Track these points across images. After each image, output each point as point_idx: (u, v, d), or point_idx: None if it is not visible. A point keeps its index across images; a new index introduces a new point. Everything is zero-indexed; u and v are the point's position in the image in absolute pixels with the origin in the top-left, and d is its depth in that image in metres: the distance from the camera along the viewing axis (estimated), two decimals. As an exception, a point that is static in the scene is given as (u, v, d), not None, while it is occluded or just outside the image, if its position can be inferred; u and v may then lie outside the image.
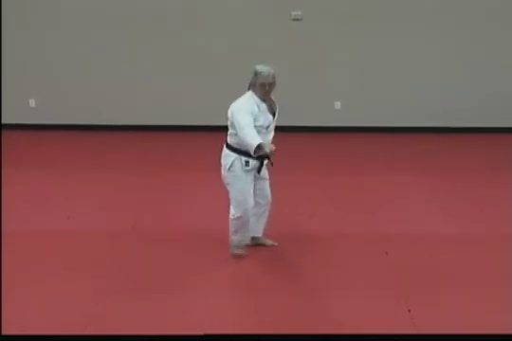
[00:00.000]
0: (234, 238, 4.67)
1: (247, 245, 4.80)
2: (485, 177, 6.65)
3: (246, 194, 4.47)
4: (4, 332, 3.45)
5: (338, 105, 8.54)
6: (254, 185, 4.53)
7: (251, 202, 4.51)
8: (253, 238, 4.86)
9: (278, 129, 4.65)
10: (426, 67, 8.36)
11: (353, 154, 7.60)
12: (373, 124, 8.57)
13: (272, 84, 4.30)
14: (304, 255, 4.75)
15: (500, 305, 3.96)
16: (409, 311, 3.89)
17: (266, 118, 4.37)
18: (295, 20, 8.10)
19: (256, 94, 4.34)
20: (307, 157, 7.34)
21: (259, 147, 4.14)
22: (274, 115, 4.48)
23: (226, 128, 4.46)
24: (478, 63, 8.35)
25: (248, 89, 4.40)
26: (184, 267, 4.53)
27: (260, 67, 4.30)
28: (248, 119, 4.22)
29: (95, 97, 8.55)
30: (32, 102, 8.61)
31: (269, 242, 4.91)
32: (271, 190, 4.71)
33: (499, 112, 8.50)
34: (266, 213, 4.78)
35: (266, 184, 4.67)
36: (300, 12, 8.05)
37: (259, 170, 4.45)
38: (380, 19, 8.15)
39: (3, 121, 8.28)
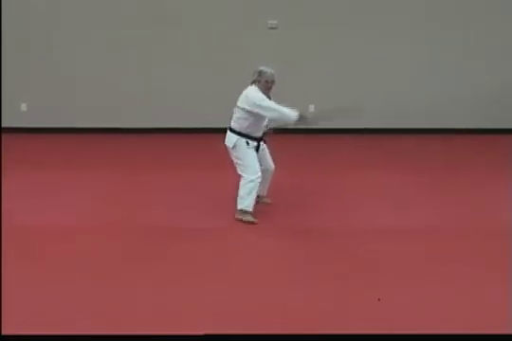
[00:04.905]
0: (245, 202, 5.38)
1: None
2: (449, 174, 7.09)
3: (255, 162, 5.34)
4: (4, 333, 3.48)
5: (312, 108, 9.03)
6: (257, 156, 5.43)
7: (259, 167, 5.36)
8: (257, 196, 5.62)
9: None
10: (396, 72, 8.90)
11: (324, 154, 8.04)
12: (345, 126, 9.03)
13: (273, 82, 5.19)
14: (281, 248, 4.93)
15: (467, 293, 4.17)
16: (378, 299, 4.02)
17: None
18: (271, 28, 8.58)
19: (260, 89, 5.17)
20: (281, 157, 7.62)
21: (300, 117, 5.02)
22: None
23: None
24: (447, 69, 8.90)
25: (251, 84, 5.20)
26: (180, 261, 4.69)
27: (264, 68, 5.19)
28: (271, 102, 5.10)
29: (83, 101, 8.99)
30: (24, 106, 9.03)
31: (267, 200, 5.83)
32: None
33: (463, 114, 9.08)
34: (270, 178, 5.69)
35: (267, 154, 5.58)
36: (275, 21, 8.54)
37: (257, 149, 5.36)
38: (350, 26, 8.68)
39: (-5, 125, 8.71)
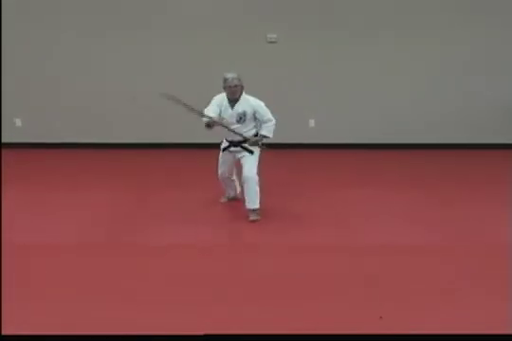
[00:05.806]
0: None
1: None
2: (449, 189, 6.95)
3: (221, 163, 5.97)
4: (4, 333, 3.49)
5: (312, 123, 8.97)
6: (239, 160, 5.81)
7: (222, 171, 6.00)
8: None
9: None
10: (395, 86, 8.83)
11: (326, 170, 7.90)
12: (345, 141, 9.01)
13: (236, 86, 5.47)
14: (282, 266, 4.79)
15: (466, 310, 4.07)
16: (380, 317, 3.91)
17: (226, 113, 5.58)
18: (270, 42, 8.55)
19: (226, 95, 5.57)
20: (283, 172, 7.62)
21: (208, 124, 5.38)
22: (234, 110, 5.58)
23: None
24: (445, 82, 8.82)
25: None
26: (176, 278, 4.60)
27: (226, 75, 5.48)
28: (210, 108, 5.52)
29: (79, 116, 8.86)
30: (18, 122, 8.91)
31: (253, 216, 5.79)
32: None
33: (463, 129, 9.01)
34: (251, 190, 5.68)
35: (249, 162, 5.70)
36: (275, 35, 8.51)
37: (223, 150, 5.83)
38: (350, 41, 8.62)
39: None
